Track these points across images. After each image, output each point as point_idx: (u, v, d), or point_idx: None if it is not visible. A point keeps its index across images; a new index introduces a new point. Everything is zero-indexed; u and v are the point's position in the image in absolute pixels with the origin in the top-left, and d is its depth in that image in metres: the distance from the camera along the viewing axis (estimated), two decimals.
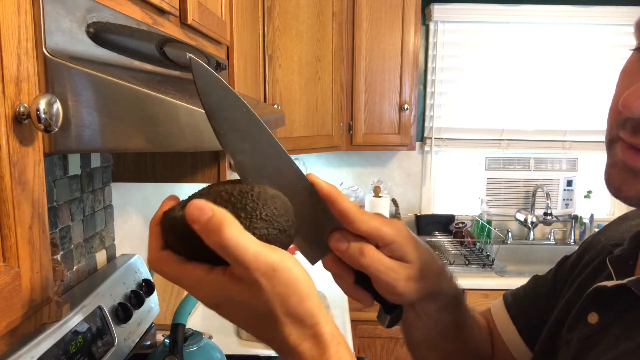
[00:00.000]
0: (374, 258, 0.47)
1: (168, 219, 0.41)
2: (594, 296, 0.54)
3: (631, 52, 0.47)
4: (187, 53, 0.44)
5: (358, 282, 0.50)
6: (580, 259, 0.66)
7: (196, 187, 1.78)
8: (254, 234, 0.38)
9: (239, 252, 0.37)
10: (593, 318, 0.53)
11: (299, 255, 0.50)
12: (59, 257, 1.06)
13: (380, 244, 0.48)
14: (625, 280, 0.50)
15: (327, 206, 0.46)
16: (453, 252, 2.45)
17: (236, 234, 0.37)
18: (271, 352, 1.50)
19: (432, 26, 2.61)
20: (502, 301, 0.74)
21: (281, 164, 0.46)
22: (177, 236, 0.40)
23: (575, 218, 2.68)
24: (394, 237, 0.48)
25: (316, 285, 0.42)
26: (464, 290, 0.61)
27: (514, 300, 0.73)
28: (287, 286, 0.38)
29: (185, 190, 2.06)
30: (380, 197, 2.32)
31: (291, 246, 0.44)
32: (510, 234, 2.67)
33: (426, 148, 2.70)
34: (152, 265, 0.42)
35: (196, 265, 0.40)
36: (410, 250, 0.49)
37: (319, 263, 0.51)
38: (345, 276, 0.50)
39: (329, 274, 0.52)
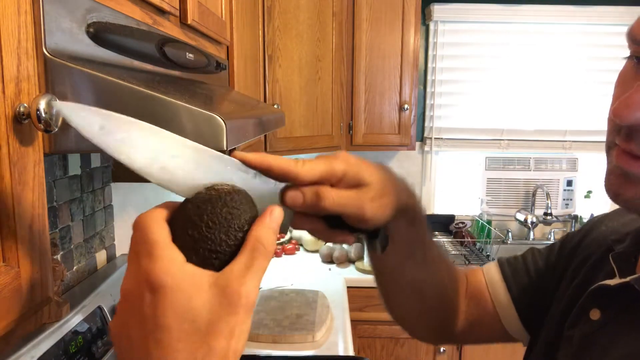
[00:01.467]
0: (332, 197, 0.45)
1: (211, 191, 0.41)
2: (597, 293, 0.54)
3: (625, 59, 0.48)
4: (55, 105, 0.43)
5: (332, 225, 0.49)
6: (580, 245, 0.67)
7: None
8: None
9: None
10: (595, 315, 0.54)
11: None
12: (59, 257, 1.06)
13: (333, 182, 0.46)
14: (628, 279, 0.51)
15: (267, 173, 0.45)
16: (453, 252, 2.45)
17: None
18: (271, 352, 1.50)
19: (432, 26, 2.61)
20: (496, 263, 0.75)
21: (205, 160, 0.44)
22: (199, 209, 0.40)
23: (575, 218, 2.68)
24: (343, 169, 0.46)
25: (316, 286, 0.42)
26: (425, 211, 0.61)
27: (509, 265, 0.74)
28: None
29: None
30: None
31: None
32: (510, 234, 2.67)
33: (426, 148, 2.70)
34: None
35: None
36: (364, 173, 0.48)
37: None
38: (317, 226, 0.48)
39: (327, 275, 0.51)
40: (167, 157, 0.42)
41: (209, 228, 0.38)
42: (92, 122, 0.39)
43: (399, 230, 0.56)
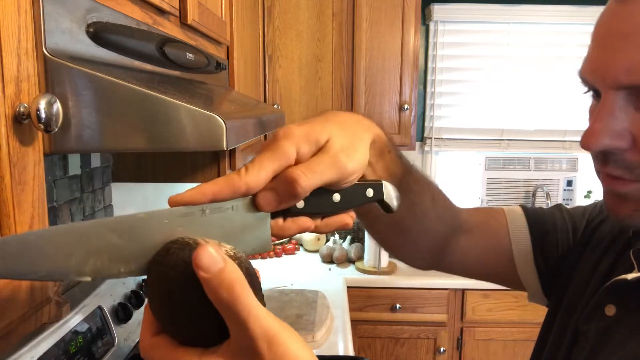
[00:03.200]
0: (305, 172, 0.39)
1: (166, 260, 0.35)
2: (613, 288, 0.55)
3: (588, 95, 0.53)
4: None
5: (324, 215, 0.43)
6: (604, 223, 0.66)
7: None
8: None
9: (250, 317, 0.33)
10: (610, 310, 0.55)
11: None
12: None
13: (292, 163, 0.40)
14: None
15: (216, 202, 0.39)
16: None
17: (247, 293, 0.33)
18: None
19: (432, 26, 2.61)
20: (521, 210, 0.72)
21: (135, 232, 0.37)
22: (170, 284, 0.34)
23: None
24: (295, 143, 0.40)
25: (316, 286, 0.41)
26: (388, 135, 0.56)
27: (536, 215, 0.71)
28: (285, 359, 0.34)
29: (184, 190, 2.06)
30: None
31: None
32: None
33: (426, 148, 2.70)
34: (144, 353, 0.37)
35: (188, 350, 0.36)
36: (317, 133, 0.42)
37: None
38: (306, 224, 0.42)
39: (327, 275, 0.50)
40: (92, 252, 0.36)
41: (176, 321, 0.36)
42: None
43: (380, 166, 0.52)
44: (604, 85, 0.47)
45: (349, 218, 0.44)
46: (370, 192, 0.44)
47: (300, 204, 0.41)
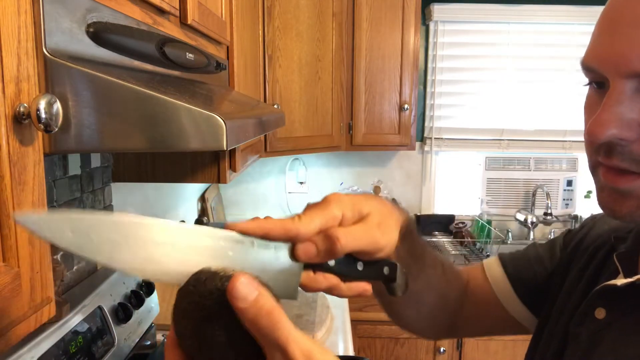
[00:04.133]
0: (345, 234, 0.44)
1: (195, 292, 0.36)
2: (602, 293, 0.55)
3: (586, 86, 0.51)
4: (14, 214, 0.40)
5: (346, 278, 0.48)
6: (584, 241, 0.68)
7: (196, 187, 1.78)
8: None
9: (289, 341, 0.35)
10: (600, 313, 0.55)
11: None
12: (59, 257, 1.06)
13: (337, 224, 0.45)
14: (634, 278, 0.52)
15: (266, 238, 0.43)
16: (453, 252, 2.45)
17: (284, 318, 0.35)
18: None
19: (432, 26, 2.61)
20: (497, 260, 0.76)
21: (194, 241, 0.40)
22: (203, 317, 0.35)
23: (575, 218, 2.68)
24: (340, 209, 0.46)
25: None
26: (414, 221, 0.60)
27: (512, 261, 0.75)
28: None
29: (185, 190, 2.06)
30: (380, 197, 2.32)
31: None
32: (510, 234, 2.67)
33: (426, 148, 2.70)
34: None
35: None
36: (361, 205, 0.48)
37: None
38: (333, 282, 0.47)
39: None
40: (150, 247, 0.39)
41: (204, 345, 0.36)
42: (62, 228, 0.36)
43: (401, 252, 0.55)
44: (616, 74, 0.45)
45: (368, 286, 0.48)
46: (386, 270, 0.49)
47: (332, 262, 0.46)
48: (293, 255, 0.44)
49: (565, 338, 0.60)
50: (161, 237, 0.39)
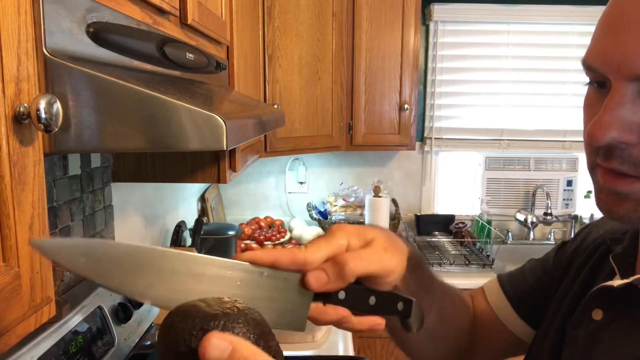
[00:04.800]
0: (353, 258, 0.45)
1: (170, 333, 0.35)
2: (599, 294, 0.55)
3: (586, 86, 0.50)
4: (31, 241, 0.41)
5: (358, 312, 0.47)
6: (580, 248, 0.68)
7: (196, 187, 1.78)
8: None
9: None
10: (597, 315, 0.55)
11: None
12: None
13: (343, 252, 0.46)
14: (631, 279, 0.52)
15: (275, 267, 0.44)
16: (453, 252, 2.45)
17: None
18: None
19: (432, 26, 2.61)
20: (496, 281, 0.77)
21: (204, 271, 0.40)
22: (183, 354, 0.34)
23: (575, 218, 2.68)
24: (345, 238, 0.47)
25: None
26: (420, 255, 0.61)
27: (509, 280, 0.76)
28: None
29: (185, 190, 2.06)
30: (380, 197, 2.32)
31: None
32: (510, 234, 2.67)
33: (426, 148, 2.70)
34: None
35: None
36: (365, 232, 0.49)
37: None
38: (344, 313, 0.47)
39: None
40: (161, 274, 0.39)
41: None
42: (75, 253, 0.37)
43: (409, 281, 0.55)
44: (618, 75, 0.44)
45: (380, 320, 0.48)
46: (400, 306, 0.49)
47: (342, 295, 0.46)
48: (303, 284, 0.44)
49: (561, 340, 0.59)
50: (172, 265, 0.39)
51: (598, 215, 0.68)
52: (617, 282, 0.53)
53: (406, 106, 2.31)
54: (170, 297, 0.39)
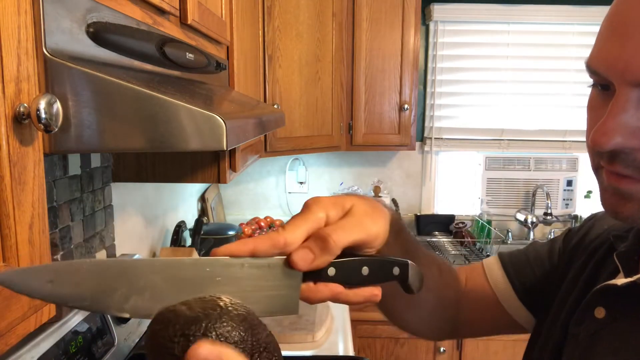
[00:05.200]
0: (334, 229, 0.43)
1: (159, 334, 0.34)
2: (602, 292, 0.55)
3: (590, 87, 0.50)
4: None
5: (352, 286, 0.46)
6: (583, 241, 0.68)
7: (196, 187, 1.78)
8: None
9: None
10: (600, 313, 0.55)
11: None
12: (59, 257, 1.06)
13: (322, 225, 0.45)
14: (635, 278, 0.52)
15: (255, 256, 0.42)
16: (453, 252, 2.45)
17: None
18: None
19: (432, 26, 2.61)
20: (497, 260, 0.76)
21: (180, 275, 0.39)
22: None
23: (575, 218, 2.68)
24: (324, 210, 0.45)
25: None
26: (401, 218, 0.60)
27: (511, 262, 0.75)
28: None
29: (185, 190, 2.06)
30: (380, 197, 2.32)
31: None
32: (510, 234, 2.67)
33: (426, 148, 2.70)
34: None
35: None
36: (342, 201, 0.47)
37: None
38: (337, 289, 0.45)
39: None
40: (134, 285, 0.38)
41: None
42: (40, 279, 0.35)
43: (392, 243, 0.54)
44: (622, 81, 0.44)
45: (377, 290, 0.47)
46: (396, 271, 0.47)
47: (332, 271, 0.44)
48: (289, 266, 0.42)
49: (563, 337, 0.59)
50: (146, 274, 0.38)
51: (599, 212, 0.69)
52: (621, 280, 0.53)
53: (406, 106, 2.31)
54: (149, 306, 0.38)
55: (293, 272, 0.43)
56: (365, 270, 0.46)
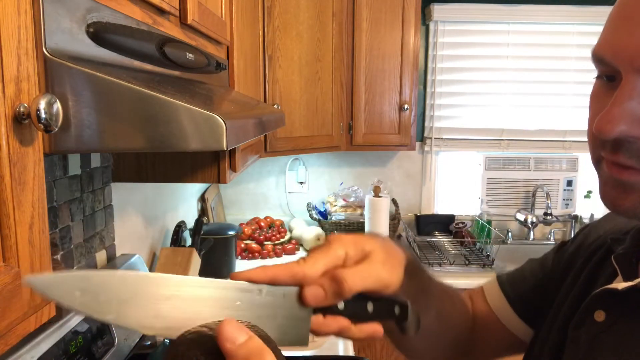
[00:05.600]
0: (351, 275, 0.45)
1: (188, 339, 0.36)
2: (602, 295, 0.55)
3: (594, 79, 0.50)
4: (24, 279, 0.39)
5: (357, 320, 0.47)
6: (580, 248, 0.67)
7: (196, 187, 1.78)
8: None
9: None
10: (599, 316, 0.54)
11: None
12: (59, 257, 1.06)
13: (340, 266, 0.47)
14: (635, 282, 0.51)
15: (273, 284, 0.44)
16: (453, 252, 2.45)
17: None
18: None
19: (432, 26, 2.61)
20: (495, 281, 0.77)
21: (202, 294, 0.40)
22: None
23: (575, 218, 2.68)
24: (343, 249, 0.47)
25: None
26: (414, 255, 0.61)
27: (508, 280, 0.76)
28: None
29: (185, 190, 2.06)
30: (380, 197, 2.32)
31: None
32: (510, 234, 2.67)
33: (426, 148, 2.70)
34: None
35: None
36: (363, 244, 0.49)
37: None
38: (344, 324, 0.47)
39: None
40: (158, 302, 0.38)
41: None
42: (70, 287, 0.36)
43: (408, 289, 0.55)
44: (630, 68, 0.43)
45: (379, 327, 0.48)
46: (397, 310, 0.49)
47: (341, 305, 0.46)
48: (301, 300, 0.44)
49: (562, 341, 0.59)
50: (168, 291, 0.39)
51: (598, 215, 0.68)
52: (621, 285, 0.53)
53: (406, 106, 2.31)
54: (171, 325, 0.38)
55: (304, 306, 0.44)
56: (370, 306, 0.48)
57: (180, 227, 1.70)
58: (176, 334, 0.38)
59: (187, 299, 0.39)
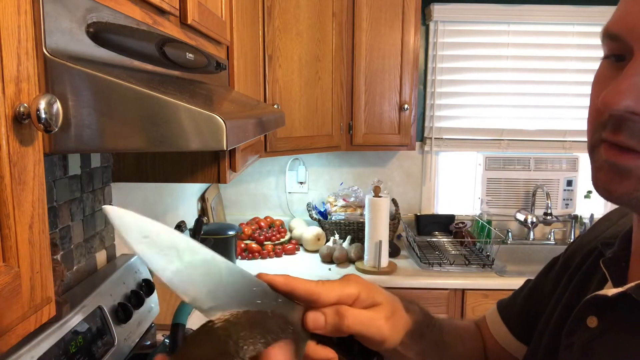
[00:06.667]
0: (354, 315, 0.48)
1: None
2: (594, 302, 0.54)
3: (600, 60, 0.49)
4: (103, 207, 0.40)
5: (340, 354, 0.51)
6: (571, 260, 0.67)
7: (196, 187, 1.78)
8: None
9: None
10: (592, 322, 0.54)
11: None
12: (59, 257, 1.06)
13: (350, 303, 0.49)
14: (625, 288, 0.50)
15: (290, 295, 0.46)
16: (453, 252, 2.45)
17: None
18: None
19: (432, 26, 2.61)
20: (495, 308, 0.78)
21: (231, 281, 0.43)
22: None
23: (575, 218, 2.68)
24: (358, 289, 0.50)
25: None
26: (428, 311, 0.63)
27: (506, 304, 0.77)
28: None
29: (185, 190, 2.06)
30: (380, 197, 2.32)
31: None
32: (510, 234, 2.67)
33: (426, 148, 2.70)
34: None
35: None
36: (376, 294, 0.52)
37: None
38: (331, 357, 0.48)
39: (327, 275, 0.52)
40: (208, 277, 0.42)
41: None
42: (137, 228, 0.40)
43: (411, 345, 0.57)
44: None
45: None
46: (375, 358, 0.53)
47: (336, 339, 0.49)
48: (303, 321, 0.47)
49: (556, 348, 0.58)
50: (211, 269, 0.42)
51: (598, 215, 0.68)
52: (611, 291, 0.52)
53: (406, 106, 2.31)
54: (198, 296, 0.41)
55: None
56: (356, 347, 0.52)
57: (180, 227, 1.70)
58: (195, 304, 0.41)
59: (221, 280, 0.42)
